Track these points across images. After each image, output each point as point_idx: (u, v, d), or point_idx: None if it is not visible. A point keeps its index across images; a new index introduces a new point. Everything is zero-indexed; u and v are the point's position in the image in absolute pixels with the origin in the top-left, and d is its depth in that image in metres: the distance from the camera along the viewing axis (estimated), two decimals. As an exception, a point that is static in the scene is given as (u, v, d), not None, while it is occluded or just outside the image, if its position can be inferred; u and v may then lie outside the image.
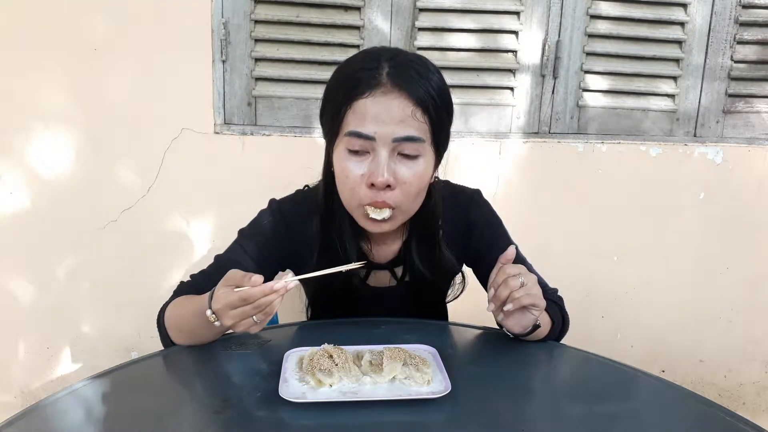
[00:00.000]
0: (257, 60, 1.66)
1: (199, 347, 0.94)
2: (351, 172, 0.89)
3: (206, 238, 1.72)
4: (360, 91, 0.87)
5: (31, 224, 1.66)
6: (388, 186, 0.88)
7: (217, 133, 1.67)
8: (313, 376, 0.80)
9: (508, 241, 1.10)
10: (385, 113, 0.86)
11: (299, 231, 1.04)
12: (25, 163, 1.62)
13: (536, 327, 0.94)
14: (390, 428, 0.74)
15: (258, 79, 1.67)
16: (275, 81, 1.68)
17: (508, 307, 0.87)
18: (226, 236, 1.10)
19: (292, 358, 0.87)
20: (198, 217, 1.71)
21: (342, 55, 1.65)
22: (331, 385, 0.80)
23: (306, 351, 0.86)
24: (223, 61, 1.64)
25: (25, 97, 1.60)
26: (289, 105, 1.70)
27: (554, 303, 1.01)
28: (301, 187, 1.11)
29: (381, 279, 1.08)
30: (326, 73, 1.18)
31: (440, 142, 0.95)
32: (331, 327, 1.04)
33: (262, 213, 1.07)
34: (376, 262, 1.06)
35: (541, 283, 0.99)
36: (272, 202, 1.07)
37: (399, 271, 1.08)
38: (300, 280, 0.85)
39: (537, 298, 0.88)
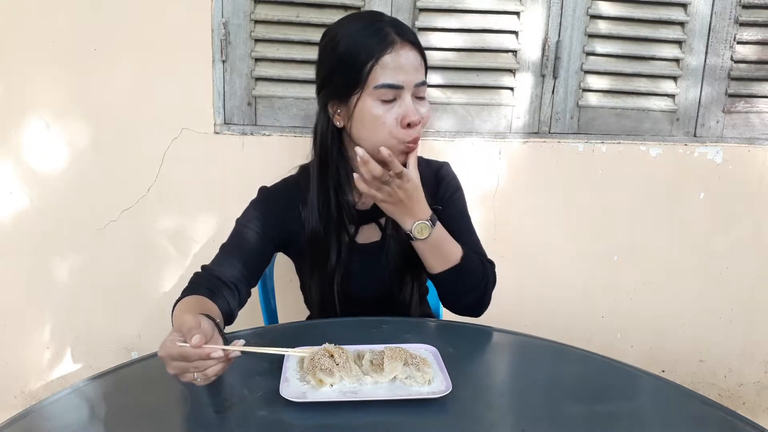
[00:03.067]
0: (257, 60, 1.66)
1: (199, 347, 0.94)
2: (387, 118, 1.01)
3: (206, 238, 1.72)
4: (383, 48, 1.00)
5: (31, 224, 1.66)
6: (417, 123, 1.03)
7: (217, 133, 1.67)
8: (314, 376, 0.80)
9: (465, 207, 1.20)
10: (406, 64, 1.02)
11: (291, 209, 1.11)
12: (25, 163, 1.62)
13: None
14: (390, 428, 0.74)
15: (258, 79, 1.67)
16: (275, 81, 1.68)
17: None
18: (226, 236, 1.10)
19: (292, 357, 0.87)
20: (198, 217, 1.71)
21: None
22: (332, 385, 0.80)
23: (306, 351, 0.86)
24: (223, 61, 1.64)
25: (25, 96, 1.59)
26: (289, 105, 1.70)
27: (475, 254, 1.11)
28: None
29: (368, 234, 1.15)
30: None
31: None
32: (332, 327, 1.04)
33: (254, 200, 1.15)
34: (364, 209, 1.14)
35: (473, 244, 1.14)
36: (262, 188, 1.16)
37: (383, 223, 1.16)
38: (244, 351, 0.79)
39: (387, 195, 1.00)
